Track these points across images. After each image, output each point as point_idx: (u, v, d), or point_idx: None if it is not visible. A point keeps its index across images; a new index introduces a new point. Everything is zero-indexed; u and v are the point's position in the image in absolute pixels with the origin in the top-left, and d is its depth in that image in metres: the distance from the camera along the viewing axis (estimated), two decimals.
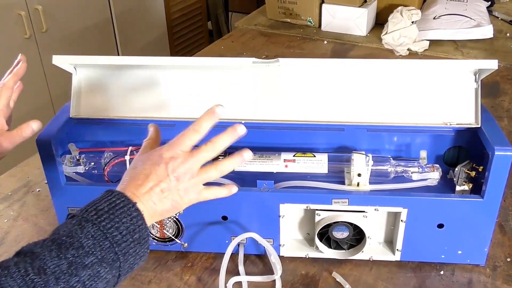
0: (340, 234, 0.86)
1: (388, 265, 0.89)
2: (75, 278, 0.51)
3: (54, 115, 0.93)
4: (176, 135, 0.92)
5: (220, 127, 0.91)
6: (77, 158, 0.92)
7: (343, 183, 0.88)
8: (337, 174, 0.90)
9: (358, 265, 0.89)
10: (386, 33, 1.73)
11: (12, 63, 0.83)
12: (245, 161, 0.67)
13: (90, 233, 0.53)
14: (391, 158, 0.90)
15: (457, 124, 0.87)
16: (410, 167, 0.89)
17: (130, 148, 0.92)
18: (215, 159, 0.66)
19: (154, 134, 0.71)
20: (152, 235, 0.91)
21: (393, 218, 0.88)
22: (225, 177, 0.89)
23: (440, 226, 0.84)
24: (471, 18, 1.79)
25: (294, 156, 0.90)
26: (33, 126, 0.73)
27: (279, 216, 0.86)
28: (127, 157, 0.90)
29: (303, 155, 0.90)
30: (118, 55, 2.51)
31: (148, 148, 0.69)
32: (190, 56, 2.09)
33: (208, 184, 0.66)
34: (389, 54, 1.73)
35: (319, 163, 0.89)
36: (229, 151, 0.90)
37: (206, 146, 0.64)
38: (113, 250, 0.54)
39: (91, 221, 0.54)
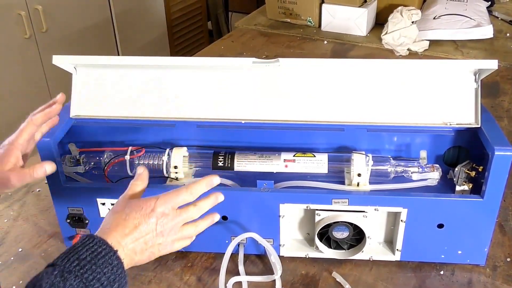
0: (340, 234, 0.86)
1: (388, 265, 0.89)
2: None
3: None
4: (176, 135, 0.93)
5: (221, 127, 0.92)
6: (77, 158, 0.92)
7: (343, 183, 0.88)
8: (337, 174, 0.90)
9: (358, 265, 0.89)
10: (386, 33, 1.73)
11: (12, 63, 0.83)
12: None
13: (73, 286, 0.53)
14: (391, 158, 0.90)
15: (457, 124, 0.87)
16: (410, 167, 0.89)
17: (130, 148, 0.92)
18: None
19: (144, 177, 0.70)
20: None
21: (393, 218, 0.88)
22: (225, 177, 0.89)
23: (440, 226, 0.84)
24: (471, 18, 1.79)
25: (294, 156, 0.90)
26: (47, 168, 0.70)
27: (279, 216, 0.86)
28: (127, 157, 0.90)
29: (303, 155, 0.90)
30: (118, 55, 2.50)
31: (135, 191, 0.68)
32: (190, 56, 2.09)
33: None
34: (389, 54, 1.73)
35: (319, 163, 0.89)
36: (230, 151, 0.91)
37: (193, 208, 0.66)
38: None
39: (73, 273, 0.54)
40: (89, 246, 0.56)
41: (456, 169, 0.87)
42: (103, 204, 0.87)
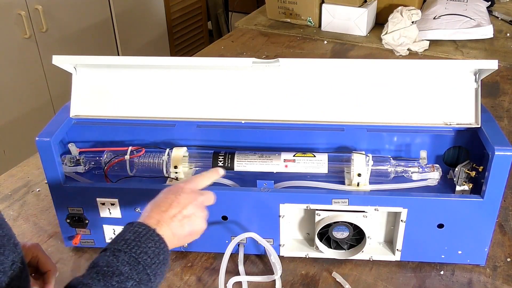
0: (340, 234, 0.86)
1: (388, 265, 0.89)
2: None
3: (54, 115, 0.93)
4: (176, 135, 0.93)
5: (221, 127, 0.92)
6: (77, 158, 0.92)
7: (343, 183, 0.88)
8: (337, 174, 0.90)
9: (358, 265, 0.89)
10: (386, 33, 1.73)
11: (12, 63, 0.83)
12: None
13: (125, 260, 0.61)
14: (391, 158, 0.90)
15: (457, 124, 0.87)
16: (410, 167, 0.89)
17: (130, 148, 0.92)
18: None
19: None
20: None
21: (393, 218, 0.88)
22: (225, 177, 0.89)
23: (440, 226, 0.84)
24: (471, 18, 1.79)
25: (294, 156, 0.90)
26: None
27: (279, 216, 0.86)
28: (127, 157, 0.90)
29: (303, 155, 0.90)
30: (118, 55, 2.50)
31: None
32: (190, 56, 2.09)
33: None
34: (389, 54, 1.73)
35: (319, 163, 0.89)
36: (230, 151, 0.91)
37: (209, 194, 0.75)
38: (146, 272, 0.62)
39: (122, 250, 0.62)
40: (130, 229, 0.65)
41: (456, 169, 0.87)
42: (103, 204, 0.87)
